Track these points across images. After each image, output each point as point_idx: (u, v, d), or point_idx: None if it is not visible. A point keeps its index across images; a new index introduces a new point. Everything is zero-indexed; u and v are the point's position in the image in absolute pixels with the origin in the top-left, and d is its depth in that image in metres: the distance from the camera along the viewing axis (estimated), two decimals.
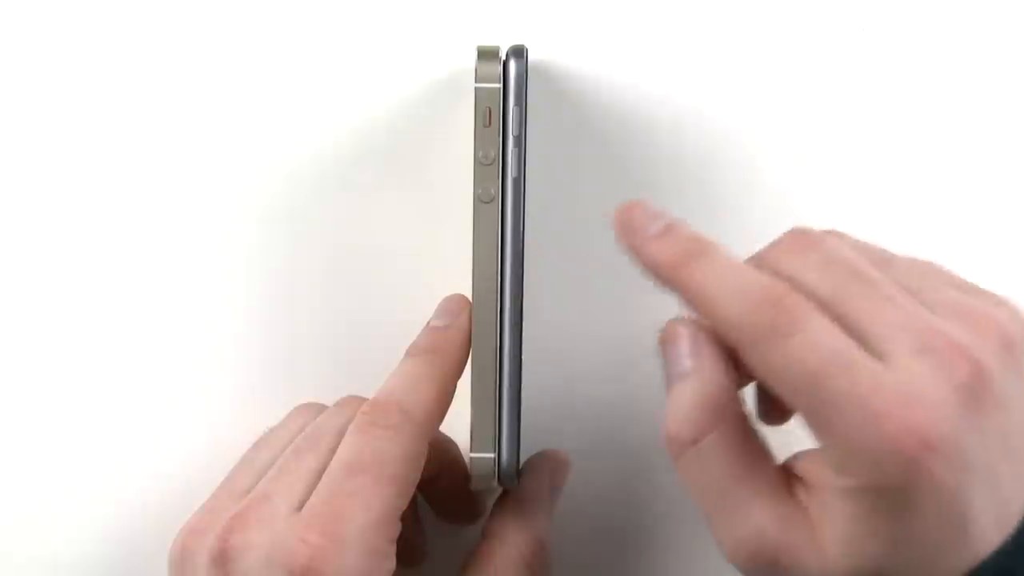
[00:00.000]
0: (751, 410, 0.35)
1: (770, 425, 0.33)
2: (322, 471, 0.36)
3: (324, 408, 0.41)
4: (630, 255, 0.35)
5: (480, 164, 0.37)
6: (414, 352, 0.39)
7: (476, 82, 0.37)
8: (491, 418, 0.37)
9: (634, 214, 0.35)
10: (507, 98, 0.37)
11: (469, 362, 0.38)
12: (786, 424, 0.35)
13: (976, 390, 0.31)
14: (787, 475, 0.34)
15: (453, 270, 0.40)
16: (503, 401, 0.37)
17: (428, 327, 0.39)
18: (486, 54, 0.38)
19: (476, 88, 0.37)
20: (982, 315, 0.33)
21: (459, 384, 0.38)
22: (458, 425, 0.39)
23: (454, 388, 0.38)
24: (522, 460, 0.40)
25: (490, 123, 0.37)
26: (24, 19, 0.43)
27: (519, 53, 0.37)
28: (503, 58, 0.38)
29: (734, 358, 0.34)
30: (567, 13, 0.43)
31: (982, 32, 0.43)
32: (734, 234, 0.43)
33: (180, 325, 0.43)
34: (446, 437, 0.41)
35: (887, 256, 0.35)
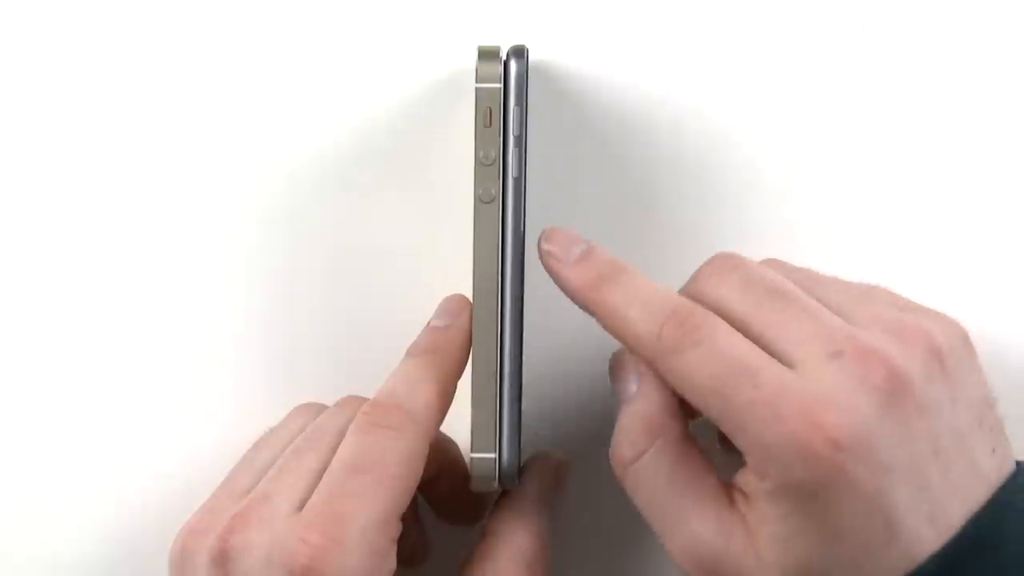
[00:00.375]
0: (690, 430, 0.36)
1: (732, 452, 0.35)
2: (323, 471, 0.36)
3: (324, 408, 0.41)
4: (555, 280, 0.37)
5: (480, 164, 0.37)
6: (415, 352, 0.39)
7: (477, 82, 0.37)
8: (492, 418, 0.37)
9: (555, 239, 0.38)
10: (508, 98, 0.37)
11: (469, 362, 0.38)
12: None
13: (894, 393, 0.32)
14: (729, 488, 0.35)
15: (453, 270, 0.40)
16: (504, 401, 0.37)
17: (428, 327, 0.39)
18: (486, 54, 0.38)
19: (477, 88, 0.37)
20: (911, 326, 0.34)
21: (459, 384, 0.38)
22: (458, 425, 0.39)
23: (455, 388, 0.38)
24: (522, 460, 0.40)
25: (491, 123, 0.37)
26: (24, 19, 0.43)
27: (519, 53, 0.37)
28: (503, 58, 0.38)
29: None
30: (567, 13, 0.43)
31: (982, 33, 0.43)
32: (733, 234, 0.44)
33: (180, 325, 0.43)
34: (446, 437, 0.41)
35: (821, 279, 0.37)
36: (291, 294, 0.43)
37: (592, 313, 0.36)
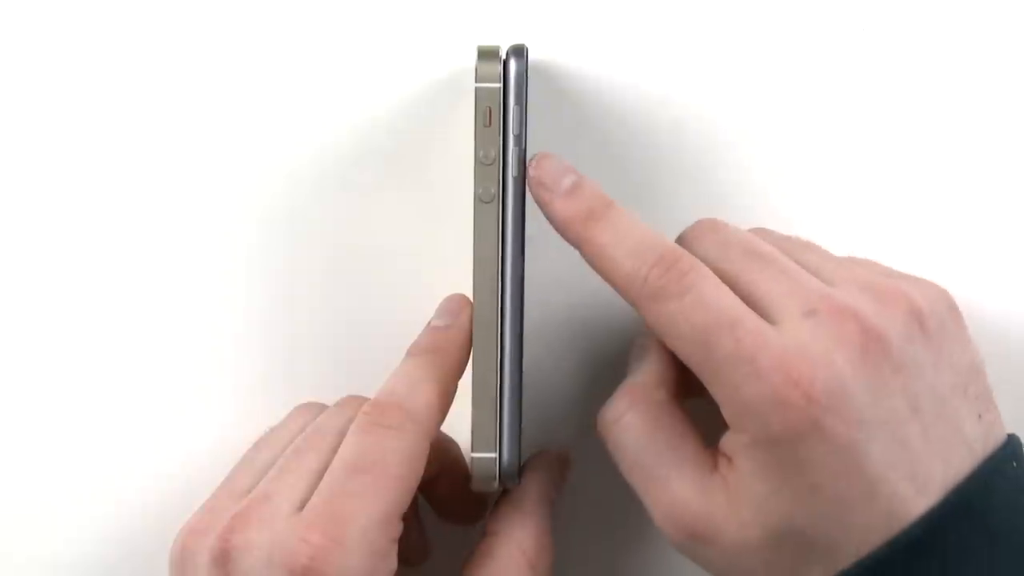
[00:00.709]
0: (674, 395, 0.37)
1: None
2: (323, 471, 0.36)
3: (324, 408, 0.41)
4: (542, 210, 0.37)
5: (480, 164, 0.37)
6: (415, 352, 0.39)
7: (476, 82, 0.37)
8: (492, 418, 0.37)
9: (545, 167, 0.37)
10: (507, 98, 0.37)
11: (470, 362, 0.38)
12: None
13: (868, 350, 0.33)
14: (713, 453, 0.35)
15: (453, 270, 0.40)
16: (504, 401, 0.37)
17: (429, 327, 0.39)
18: (486, 54, 0.38)
19: (476, 88, 0.37)
20: (892, 289, 0.34)
21: (460, 384, 0.38)
22: (459, 425, 0.39)
23: (455, 388, 0.38)
24: (523, 459, 0.40)
25: (490, 123, 0.37)
26: (24, 20, 0.43)
27: (519, 53, 0.37)
28: (503, 58, 0.38)
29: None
30: (567, 13, 0.43)
31: (981, 34, 0.43)
32: None
33: (180, 325, 0.43)
34: (447, 437, 0.41)
35: (807, 245, 0.38)
36: (291, 294, 0.43)
37: (579, 248, 0.37)
